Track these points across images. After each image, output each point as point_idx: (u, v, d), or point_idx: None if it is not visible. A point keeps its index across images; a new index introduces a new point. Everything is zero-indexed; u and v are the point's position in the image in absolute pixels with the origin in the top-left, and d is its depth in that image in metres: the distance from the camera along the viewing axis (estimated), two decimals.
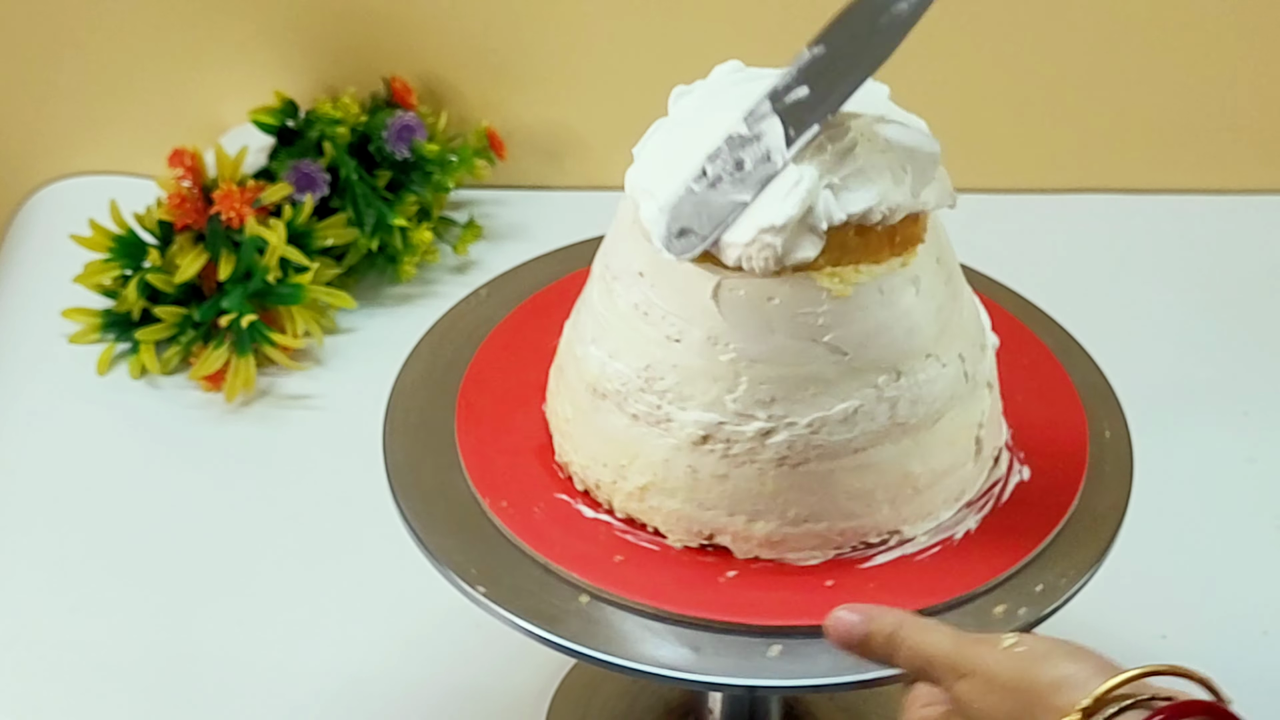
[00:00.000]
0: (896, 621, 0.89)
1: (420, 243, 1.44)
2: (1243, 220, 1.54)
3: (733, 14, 1.49)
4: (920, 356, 0.95)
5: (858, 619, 0.90)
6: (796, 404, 0.94)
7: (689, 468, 0.95)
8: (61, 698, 1.16)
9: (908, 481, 0.96)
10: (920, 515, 0.98)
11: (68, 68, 1.50)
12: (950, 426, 0.97)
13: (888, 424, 0.95)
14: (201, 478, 1.30)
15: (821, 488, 0.95)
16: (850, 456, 0.95)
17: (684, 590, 0.95)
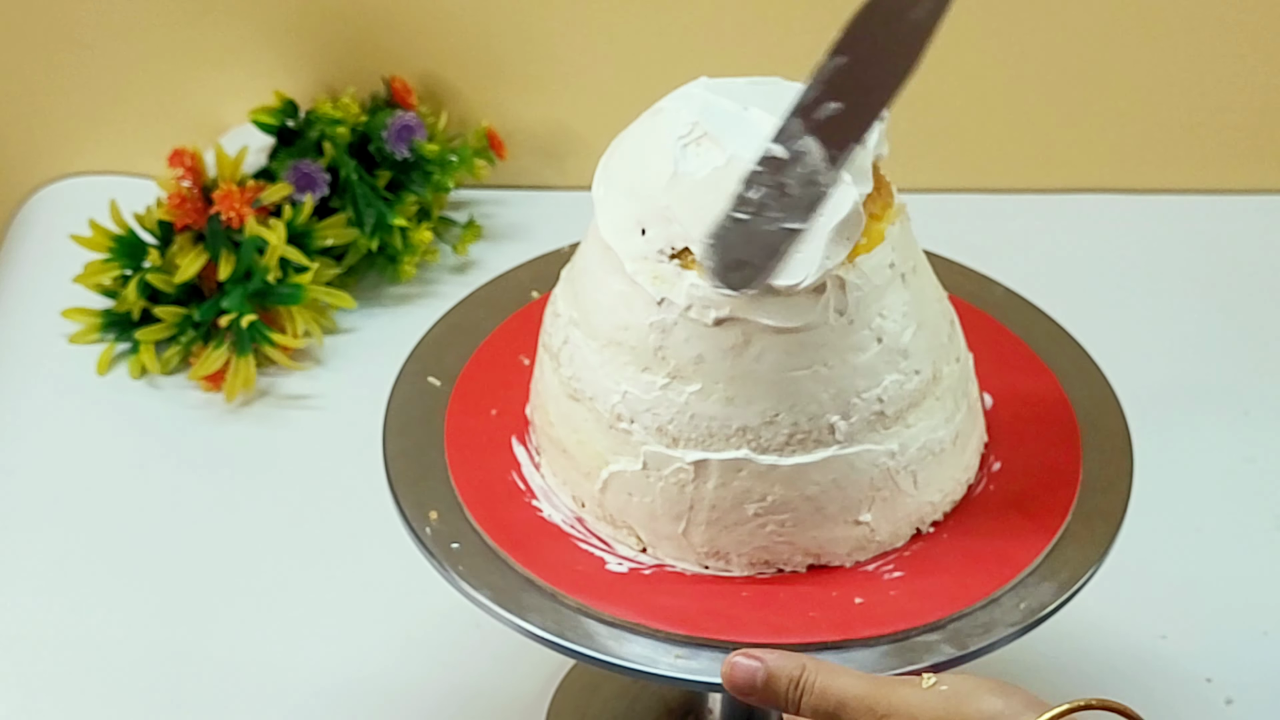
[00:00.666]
0: (800, 665, 0.87)
1: (420, 243, 1.44)
2: (1243, 220, 1.54)
3: (733, 14, 1.49)
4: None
5: (756, 665, 0.88)
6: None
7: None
8: (61, 698, 1.16)
9: (820, 513, 0.96)
10: (842, 551, 0.98)
11: (68, 68, 1.50)
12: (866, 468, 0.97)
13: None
14: (201, 478, 1.30)
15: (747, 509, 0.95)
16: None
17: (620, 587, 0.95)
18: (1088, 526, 0.99)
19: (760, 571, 0.97)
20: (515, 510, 0.99)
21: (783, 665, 0.88)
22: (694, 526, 0.96)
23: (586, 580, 0.96)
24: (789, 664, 0.88)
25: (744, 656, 0.88)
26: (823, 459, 0.94)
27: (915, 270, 0.97)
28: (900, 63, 0.90)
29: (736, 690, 0.88)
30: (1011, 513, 0.99)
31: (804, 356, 0.93)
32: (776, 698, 0.88)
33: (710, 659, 0.92)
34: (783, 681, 0.87)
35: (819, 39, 1.50)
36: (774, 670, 0.88)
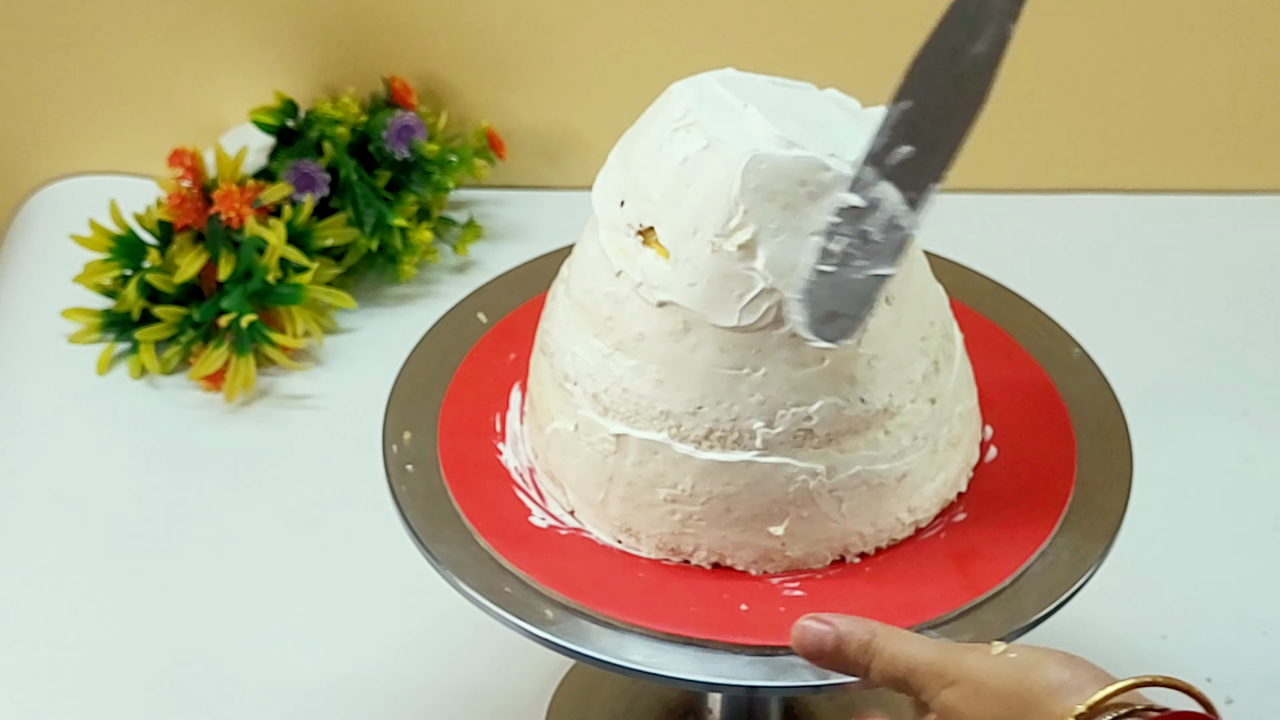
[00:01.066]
0: (870, 630, 0.88)
1: (420, 243, 1.44)
2: (1243, 220, 1.54)
3: (733, 14, 1.49)
4: None
5: (826, 628, 0.89)
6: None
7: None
8: (61, 698, 1.16)
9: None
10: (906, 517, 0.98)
11: (68, 68, 1.50)
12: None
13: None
14: (201, 478, 1.30)
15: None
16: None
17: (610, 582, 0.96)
18: (1087, 527, 0.99)
19: (666, 557, 0.97)
20: (479, 449, 1.01)
21: (853, 630, 0.88)
22: (611, 498, 0.97)
23: (504, 527, 0.97)
24: (859, 629, 0.88)
25: (814, 620, 0.89)
26: (738, 461, 0.94)
27: (889, 300, 0.96)
28: (968, 99, 0.90)
29: (806, 653, 0.89)
30: (948, 564, 0.97)
31: (737, 356, 0.93)
32: (846, 662, 0.89)
33: (712, 657, 0.92)
34: (853, 646, 0.88)
35: (821, 40, 1.51)
36: (844, 635, 0.88)
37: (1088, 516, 0.99)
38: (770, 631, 0.92)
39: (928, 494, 0.99)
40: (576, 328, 0.97)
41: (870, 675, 0.88)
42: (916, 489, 0.98)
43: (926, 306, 0.99)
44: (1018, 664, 0.85)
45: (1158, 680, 0.83)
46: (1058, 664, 0.84)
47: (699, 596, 0.95)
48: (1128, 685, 0.82)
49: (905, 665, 0.87)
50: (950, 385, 1.00)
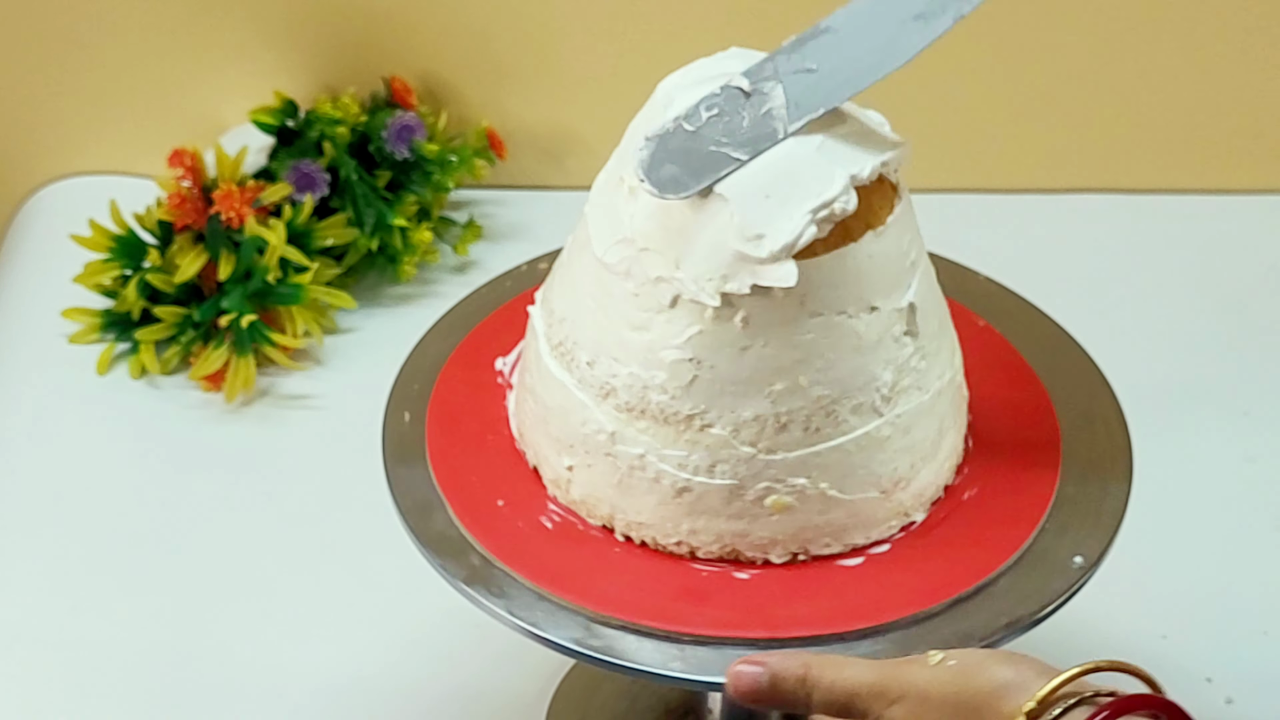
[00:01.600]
0: (804, 663, 0.87)
1: (420, 243, 1.44)
2: (1243, 220, 1.54)
3: (733, 14, 1.49)
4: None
5: (758, 669, 0.88)
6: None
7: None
8: (61, 698, 1.16)
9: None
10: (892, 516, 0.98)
11: (68, 68, 1.50)
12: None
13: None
14: (201, 478, 1.30)
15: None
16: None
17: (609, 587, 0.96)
18: (1086, 527, 0.99)
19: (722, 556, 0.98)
20: (495, 528, 0.99)
21: (785, 665, 0.87)
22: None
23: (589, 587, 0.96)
24: (791, 663, 0.87)
25: (746, 664, 0.88)
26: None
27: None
28: (889, 57, 0.92)
29: (744, 698, 0.88)
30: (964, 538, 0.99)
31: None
32: (785, 698, 0.87)
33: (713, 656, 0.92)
34: (789, 682, 0.87)
35: None
36: (778, 672, 0.87)
37: (1088, 516, 0.99)
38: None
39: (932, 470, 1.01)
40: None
41: (813, 707, 0.87)
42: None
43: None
44: (960, 670, 0.84)
45: (1101, 665, 0.82)
46: (1000, 663, 0.83)
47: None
48: (1073, 674, 0.82)
49: (844, 690, 0.86)
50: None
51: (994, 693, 0.82)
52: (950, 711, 0.83)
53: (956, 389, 1.01)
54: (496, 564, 0.96)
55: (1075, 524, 0.99)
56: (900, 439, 0.97)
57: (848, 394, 0.94)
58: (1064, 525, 0.99)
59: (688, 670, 0.92)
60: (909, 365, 0.96)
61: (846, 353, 0.94)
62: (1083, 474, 1.01)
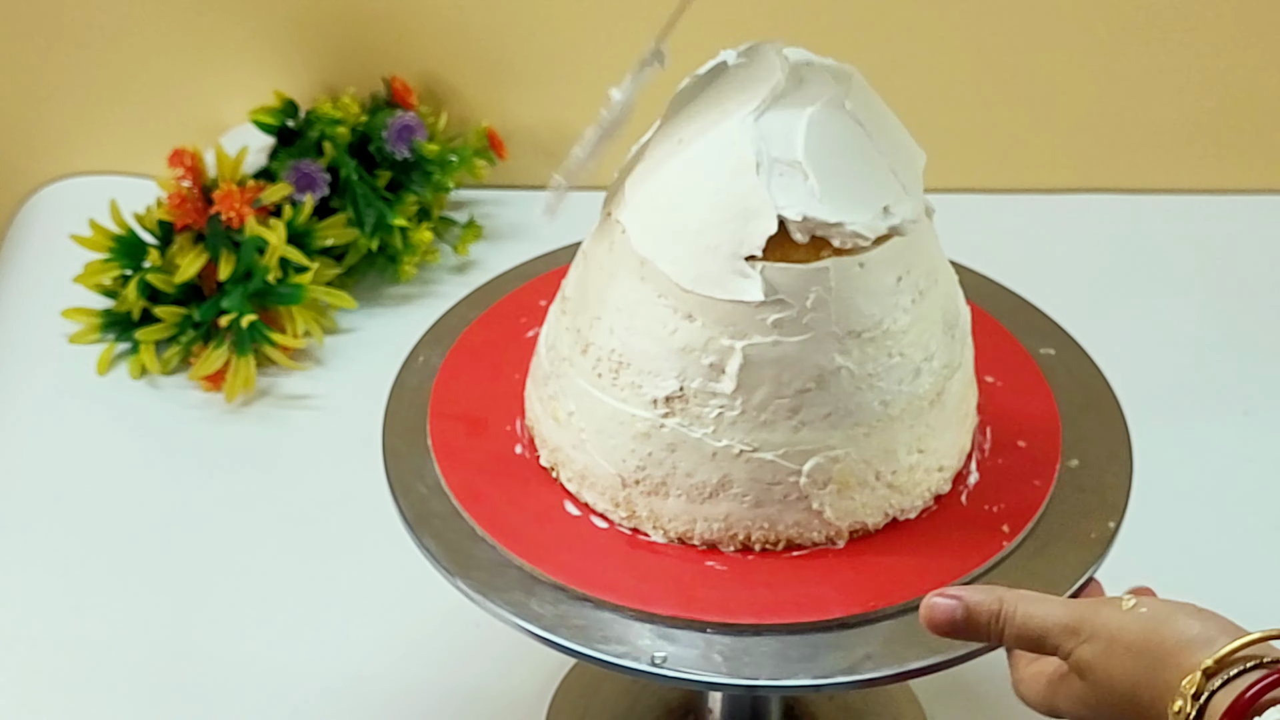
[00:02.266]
0: (998, 598, 0.89)
1: (420, 243, 1.44)
2: (1243, 220, 1.54)
3: (733, 14, 1.49)
4: None
5: (954, 603, 0.90)
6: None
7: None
8: (61, 698, 1.16)
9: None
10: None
11: (68, 68, 1.50)
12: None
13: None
14: (201, 478, 1.30)
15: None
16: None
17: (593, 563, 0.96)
18: (1087, 527, 0.99)
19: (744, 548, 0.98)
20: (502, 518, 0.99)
21: (981, 600, 0.89)
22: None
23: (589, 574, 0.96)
24: (986, 599, 0.89)
25: (941, 596, 0.90)
26: None
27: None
28: None
29: (938, 630, 0.90)
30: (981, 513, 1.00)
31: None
32: (979, 632, 0.90)
33: (713, 656, 0.92)
34: (983, 616, 0.89)
35: (822, 41, 1.51)
36: (972, 606, 0.89)
37: (1088, 516, 0.99)
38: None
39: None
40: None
41: (1005, 641, 0.90)
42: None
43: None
44: (1149, 619, 0.86)
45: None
46: (1188, 617, 0.85)
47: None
48: (1256, 638, 0.83)
49: (1038, 627, 0.88)
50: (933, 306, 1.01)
51: (1179, 644, 0.84)
52: (1136, 657, 0.85)
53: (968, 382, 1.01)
54: (497, 564, 0.96)
55: (1075, 524, 0.99)
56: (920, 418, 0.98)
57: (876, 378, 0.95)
58: (1064, 525, 0.99)
59: (688, 670, 0.92)
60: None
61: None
62: (1083, 472, 1.01)
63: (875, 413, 0.96)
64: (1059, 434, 1.03)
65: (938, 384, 0.98)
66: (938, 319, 0.98)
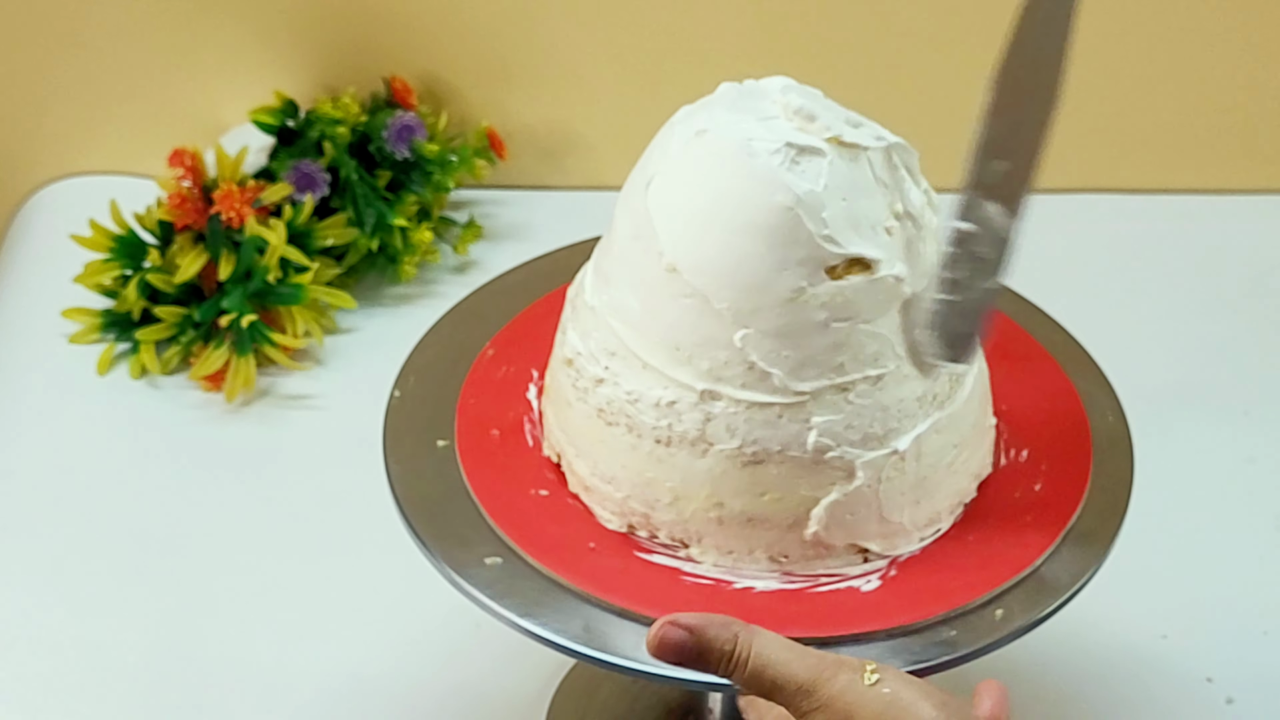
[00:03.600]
0: (733, 635, 0.86)
1: (420, 243, 1.44)
2: (1243, 220, 1.54)
3: (733, 14, 1.49)
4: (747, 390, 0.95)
5: (684, 635, 0.86)
6: (626, 368, 0.95)
7: (557, 382, 0.97)
8: (61, 698, 1.16)
9: (705, 502, 0.96)
10: (714, 544, 0.97)
11: (68, 68, 1.50)
12: (767, 479, 0.95)
13: (694, 434, 0.94)
14: (201, 478, 1.30)
15: (624, 457, 0.96)
16: (652, 443, 0.95)
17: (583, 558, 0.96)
18: (1087, 527, 0.99)
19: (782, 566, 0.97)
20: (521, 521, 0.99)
21: (715, 635, 0.86)
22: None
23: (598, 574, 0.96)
24: (722, 633, 0.86)
25: (673, 625, 0.86)
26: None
27: None
28: (1046, 101, 0.94)
29: (665, 659, 0.86)
30: (1012, 519, 0.99)
31: None
32: (710, 666, 0.86)
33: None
34: (715, 653, 0.86)
35: (821, 40, 1.51)
36: (705, 640, 0.86)
37: (1088, 516, 0.99)
38: (884, 617, 0.94)
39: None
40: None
41: (737, 681, 0.86)
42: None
43: None
44: (891, 702, 0.83)
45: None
46: (933, 707, 0.83)
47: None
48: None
49: (772, 678, 0.85)
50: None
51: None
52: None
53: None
54: (498, 563, 0.96)
55: (1075, 524, 0.99)
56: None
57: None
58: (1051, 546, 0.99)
59: (688, 670, 0.92)
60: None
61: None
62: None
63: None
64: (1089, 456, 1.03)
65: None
66: None
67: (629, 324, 0.95)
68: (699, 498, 0.96)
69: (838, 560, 0.97)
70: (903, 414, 0.95)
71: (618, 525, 0.98)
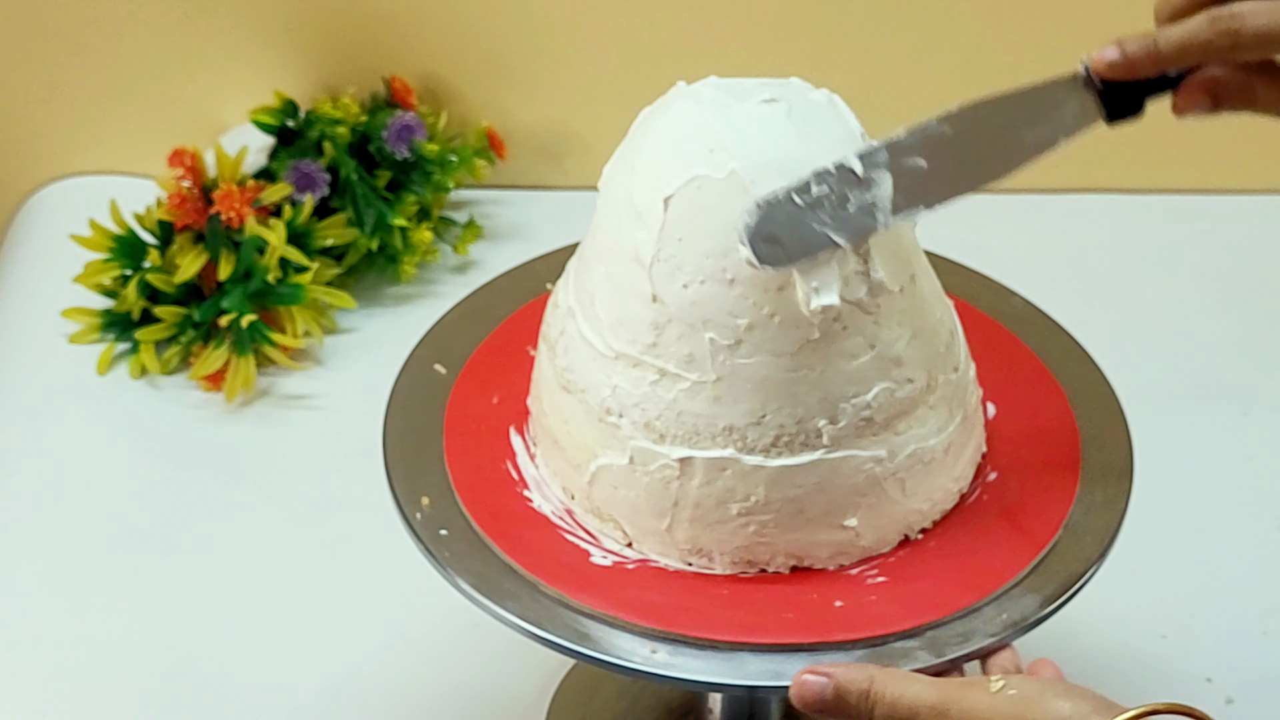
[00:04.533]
0: (868, 677, 0.89)
1: (420, 243, 1.44)
2: (1243, 220, 1.54)
3: (733, 14, 1.49)
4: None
5: (825, 681, 0.89)
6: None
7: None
8: (62, 698, 1.16)
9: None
10: (815, 556, 0.97)
11: (68, 68, 1.50)
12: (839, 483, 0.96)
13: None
14: (201, 478, 1.30)
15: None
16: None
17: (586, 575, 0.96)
18: (1087, 527, 0.99)
19: (743, 570, 0.97)
20: (506, 499, 0.99)
21: (851, 678, 0.89)
22: (678, 523, 0.96)
23: (569, 571, 0.96)
24: (857, 676, 0.89)
25: (812, 673, 0.90)
26: (808, 462, 0.94)
27: (914, 279, 0.97)
28: (993, 166, 0.94)
29: (807, 706, 0.90)
30: (1002, 523, 0.99)
31: (792, 360, 0.93)
32: (848, 710, 0.89)
33: (691, 655, 0.92)
34: (853, 695, 0.89)
35: (820, 41, 1.51)
36: (842, 684, 0.89)
37: (1088, 515, 0.99)
38: (876, 622, 0.93)
39: (965, 460, 1.00)
40: (608, 360, 0.96)
41: (874, 716, 0.89)
42: (959, 457, 1.00)
43: (934, 276, 1.00)
44: (1018, 701, 0.85)
45: (1159, 708, 0.83)
46: (1058, 697, 0.84)
47: (788, 602, 0.95)
48: (1134, 715, 0.83)
49: (907, 707, 0.87)
50: (963, 350, 1.01)
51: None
52: None
53: (964, 405, 1.01)
54: (498, 563, 0.96)
55: (1074, 523, 0.99)
56: (949, 419, 0.98)
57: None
58: (1064, 526, 0.99)
59: (688, 670, 0.92)
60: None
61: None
62: (1084, 471, 1.01)
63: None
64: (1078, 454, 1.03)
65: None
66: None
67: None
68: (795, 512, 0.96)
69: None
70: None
71: (680, 565, 0.98)
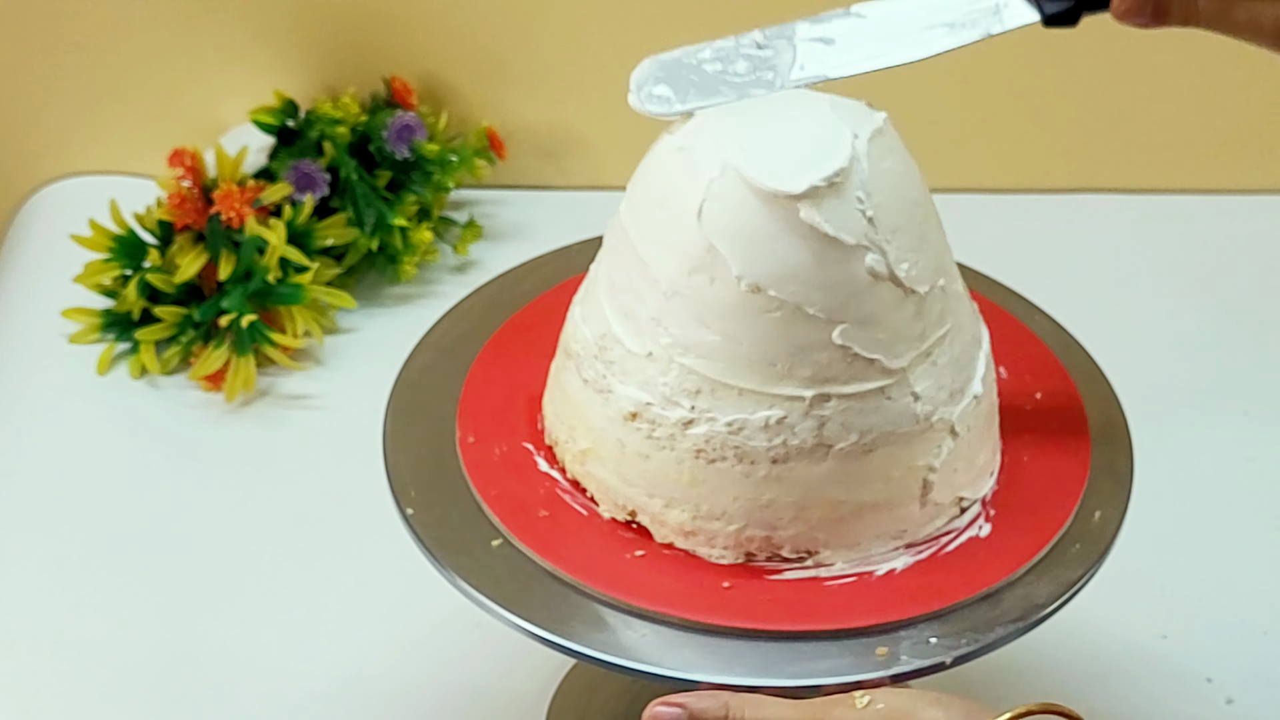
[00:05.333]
0: (724, 704, 0.86)
1: (420, 243, 1.44)
2: (1243, 220, 1.54)
3: (733, 14, 1.49)
4: (854, 382, 0.95)
5: (677, 711, 0.87)
6: (720, 400, 0.94)
7: (618, 441, 0.96)
8: (61, 698, 1.16)
9: (829, 506, 0.95)
10: (842, 543, 0.96)
11: (68, 68, 1.50)
12: (886, 462, 0.95)
13: (812, 442, 0.94)
14: (201, 478, 1.30)
15: (735, 489, 0.95)
16: (768, 465, 0.94)
17: (594, 557, 0.96)
18: (1087, 527, 0.99)
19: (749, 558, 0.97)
20: (509, 498, 0.99)
21: (704, 705, 0.86)
22: (693, 506, 0.97)
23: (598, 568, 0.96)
24: (711, 704, 0.86)
25: (664, 704, 0.87)
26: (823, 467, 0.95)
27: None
28: (903, 49, 0.95)
29: None
30: (951, 562, 0.98)
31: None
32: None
33: (714, 656, 0.92)
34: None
35: None
36: (696, 713, 0.86)
37: (1088, 515, 0.99)
38: (873, 617, 0.94)
39: (960, 470, 1.01)
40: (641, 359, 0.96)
41: None
42: (964, 472, 1.00)
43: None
44: (888, 715, 0.83)
45: (1033, 709, 0.81)
46: (929, 706, 0.83)
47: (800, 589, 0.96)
48: (1009, 719, 0.81)
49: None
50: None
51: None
52: None
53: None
54: (497, 564, 0.96)
55: (1075, 523, 0.99)
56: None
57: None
58: (1064, 525, 0.99)
59: (689, 670, 0.92)
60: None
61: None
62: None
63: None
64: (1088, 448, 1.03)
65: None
66: None
67: (708, 357, 0.94)
68: (823, 502, 0.95)
69: (943, 517, 0.98)
70: (967, 360, 0.97)
71: (733, 558, 0.97)
